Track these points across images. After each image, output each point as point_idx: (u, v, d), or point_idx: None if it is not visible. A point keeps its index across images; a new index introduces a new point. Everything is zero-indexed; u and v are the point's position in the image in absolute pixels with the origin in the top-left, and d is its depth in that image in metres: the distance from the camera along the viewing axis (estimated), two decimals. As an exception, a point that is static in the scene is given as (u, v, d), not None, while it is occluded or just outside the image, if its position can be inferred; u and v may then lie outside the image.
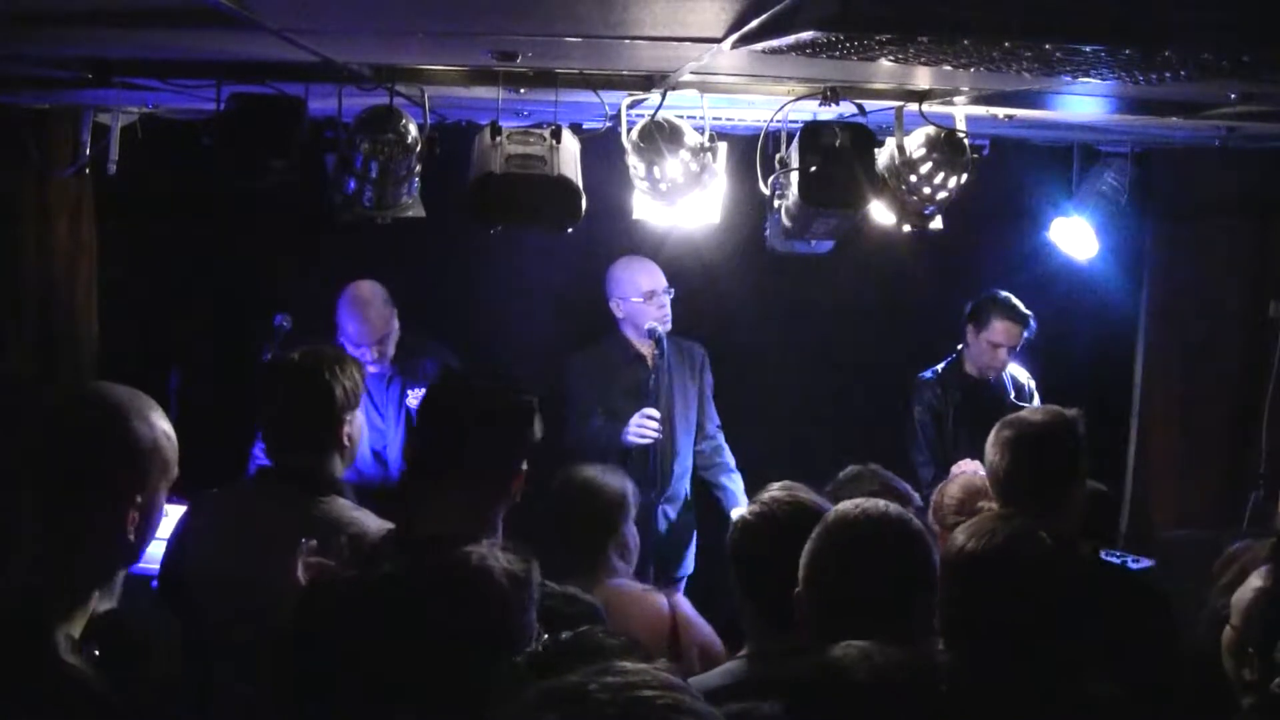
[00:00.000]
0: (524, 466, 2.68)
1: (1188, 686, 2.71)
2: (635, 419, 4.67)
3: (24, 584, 1.96)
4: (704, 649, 3.02)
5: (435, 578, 2.21)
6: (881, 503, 2.46)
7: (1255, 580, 2.46)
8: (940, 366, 5.28)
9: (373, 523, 2.96)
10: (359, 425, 3.17)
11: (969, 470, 3.72)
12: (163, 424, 2.05)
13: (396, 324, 4.81)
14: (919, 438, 5.17)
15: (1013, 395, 5.19)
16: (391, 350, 4.80)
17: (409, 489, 2.71)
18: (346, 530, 2.91)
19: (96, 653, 1.98)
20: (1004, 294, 5.14)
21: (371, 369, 4.65)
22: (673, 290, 4.88)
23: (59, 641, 1.92)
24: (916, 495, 3.68)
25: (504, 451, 2.64)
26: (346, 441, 3.09)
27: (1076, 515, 3.18)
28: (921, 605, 2.33)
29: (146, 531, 2.04)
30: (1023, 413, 3.32)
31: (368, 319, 4.70)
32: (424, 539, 2.62)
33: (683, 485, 5.06)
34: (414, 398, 4.81)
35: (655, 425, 4.64)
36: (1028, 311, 5.07)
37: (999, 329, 5.07)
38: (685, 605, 3.16)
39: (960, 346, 5.26)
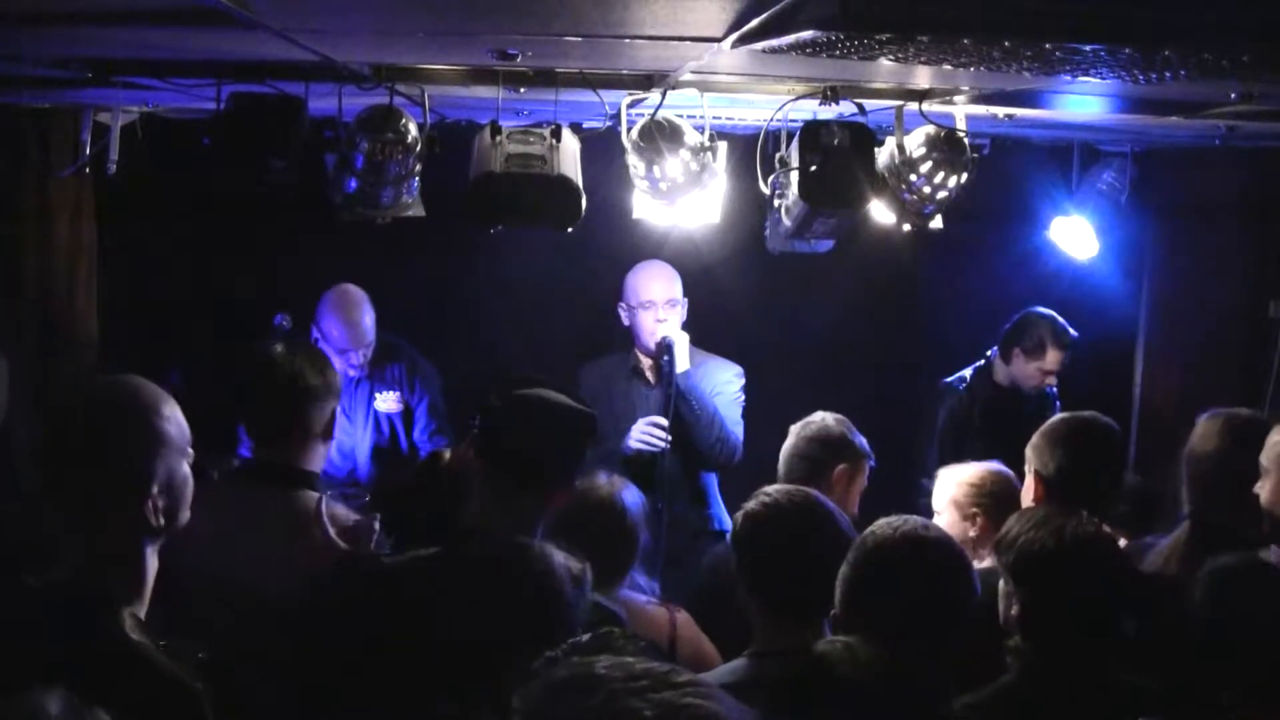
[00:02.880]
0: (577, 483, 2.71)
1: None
2: (641, 424, 4.52)
3: (85, 569, 2.08)
4: (702, 667, 2.98)
5: (494, 563, 2.27)
6: (917, 522, 2.44)
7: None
8: (968, 373, 5.22)
9: (343, 514, 2.98)
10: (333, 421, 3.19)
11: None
12: (166, 408, 2.15)
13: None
14: (935, 447, 5.10)
15: (1037, 404, 5.13)
16: (370, 356, 4.81)
17: (466, 484, 2.70)
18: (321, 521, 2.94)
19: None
20: (1048, 314, 5.05)
21: (352, 372, 4.66)
22: (677, 302, 4.67)
23: (125, 620, 2.04)
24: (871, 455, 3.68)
25: (568, 465, 2.67)
26: (321, 436, 3.11)
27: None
28: (960, 624, 2.33)
29: (176, 509, 2.15)
30: (1072, 416, 3.28)
31: (358, 323, 4.69)
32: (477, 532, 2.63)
33: (694, 509, 4.73)
34: (381, 400, 4.83)
35: (662, 434, 4.48)
36: (1075, 333, 5.04)
37: (1052, 358, 5.02)
38: (687, 624, 3.14)
39: (989, 354, 5.20)
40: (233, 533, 2.96)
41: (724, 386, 4.77)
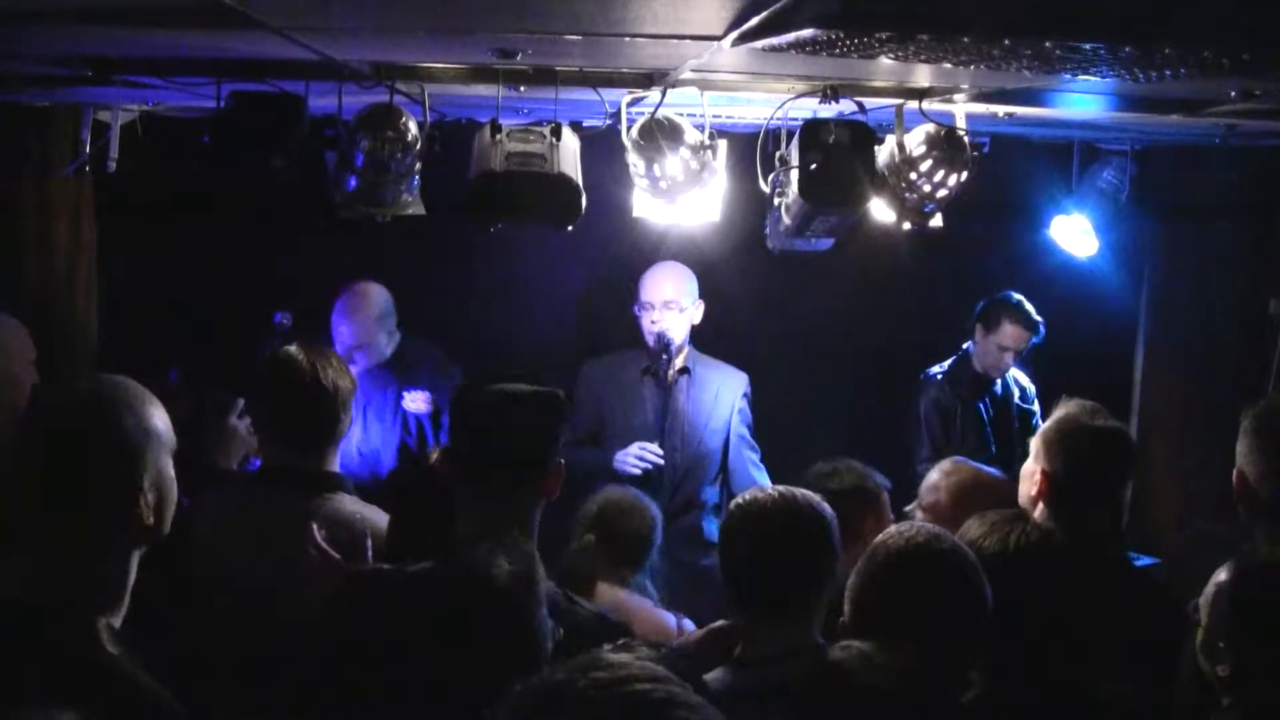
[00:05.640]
0: (560, 462, 2.61)
1: (1187, 687, 2.70)
2: (635, 448, 4.48)
3: (58, 578, 1.99)
4: None
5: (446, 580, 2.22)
6: (929, 530, 2.41)
7: (1221, 574, 2.44)
8: (947, 364, 5.28)
9: (381, 518, 2.96)
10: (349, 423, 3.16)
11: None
12: (152, 408, 2.09)
13: (395, 329, 4.83)
14: (923, 435, 5.14)
15: (1017, 397, 5.20)
16: (388, 354, 4.81)
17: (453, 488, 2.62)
18: (355, 526, 2.91)
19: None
20: (1017, 297, 5.13)
21: (354, 368, 4.66)
22: (675, 305, 4.63)
23: (101, 632, 1.96)
24: (888, 483, 3.62)
25: (540, 447, 2.57)
26: (337, 438, 3.08)
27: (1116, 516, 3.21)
28: (972, 634, 2.32)
29: (164, 509, 2.08)
30: (1077, 413, 3.26)
31: (359, 318, 4.71)
32: (455, 541, 2.58)
33: (696, 523, 4.65)
34: (410, 400, 4.82)
35: (651, 461, 4.44)
36: (1038, 318, 5.08)
37: (1008, 333, 5.08)
38: (691, 628, 3.14)
39: (967, 345, 5.25)
40: (262, 540, 2.90)
41: (742, 404, 4.76)
